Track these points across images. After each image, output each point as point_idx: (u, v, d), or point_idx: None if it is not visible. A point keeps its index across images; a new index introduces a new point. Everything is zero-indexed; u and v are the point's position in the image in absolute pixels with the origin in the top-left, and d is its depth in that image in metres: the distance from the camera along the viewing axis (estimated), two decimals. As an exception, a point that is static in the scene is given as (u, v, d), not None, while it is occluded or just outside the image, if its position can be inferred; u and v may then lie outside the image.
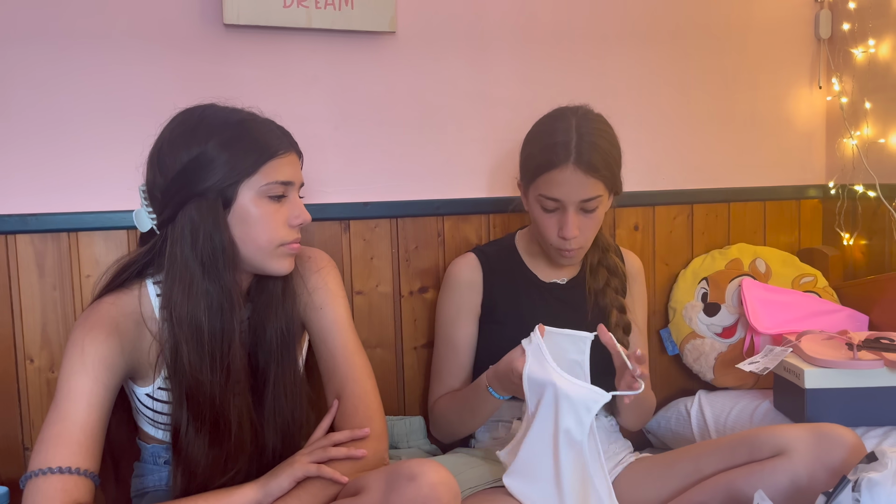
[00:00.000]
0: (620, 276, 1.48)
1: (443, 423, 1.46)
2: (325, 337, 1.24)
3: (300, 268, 1.24)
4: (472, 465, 1.40)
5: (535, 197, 1.35)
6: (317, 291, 1.25)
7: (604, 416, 1.51)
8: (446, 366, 1.48)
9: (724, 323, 1.73)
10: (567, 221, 1.31)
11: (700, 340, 1.73)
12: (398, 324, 1.65)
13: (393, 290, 1.64)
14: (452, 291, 1.47)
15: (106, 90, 1.44)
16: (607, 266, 1.47)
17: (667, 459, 1.38)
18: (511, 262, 1.49)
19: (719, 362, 1.71)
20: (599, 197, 1.32)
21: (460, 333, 1.46)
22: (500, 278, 1.46)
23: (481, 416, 1.36)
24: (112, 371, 1.07)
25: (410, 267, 1.65)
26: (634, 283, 1.53)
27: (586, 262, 1.48)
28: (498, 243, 1.54)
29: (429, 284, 1.66)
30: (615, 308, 1.44)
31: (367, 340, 1.63)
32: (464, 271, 1.47)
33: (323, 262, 1.28)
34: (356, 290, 1.62)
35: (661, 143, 1.83)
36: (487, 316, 1.46)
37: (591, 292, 1.46)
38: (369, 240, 1.62)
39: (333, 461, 1.11)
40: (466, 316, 1.46)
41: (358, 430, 1.16)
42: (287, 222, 1.13)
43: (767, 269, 1.78)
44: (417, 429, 1.62)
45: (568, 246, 1.34)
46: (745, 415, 1.56)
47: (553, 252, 1.39)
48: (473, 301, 1.46)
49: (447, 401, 1.45)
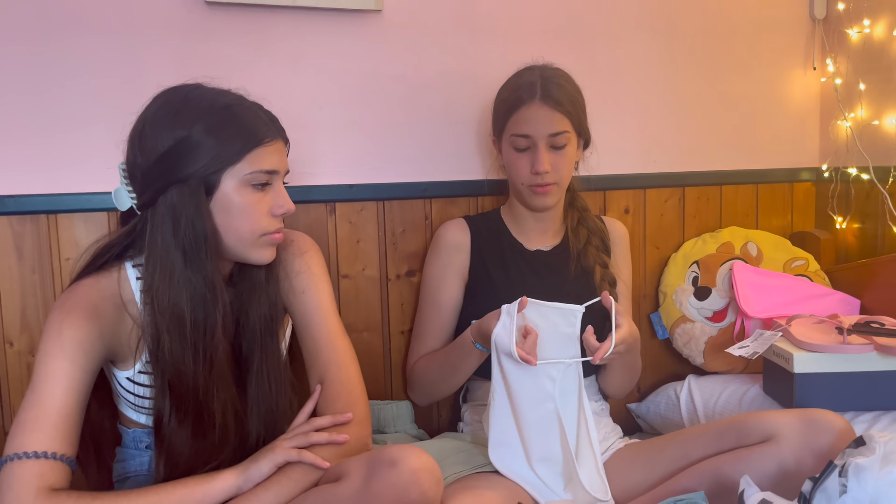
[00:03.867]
0: (600, 234, 1.51)
1: (422, 383, 1.48)
2: (307, 321, 1.22)
3: (283, 251, 1.22)
4: (459, 449, 1.39)
5: (508, 140, 1.42)
6: (299, 275, 1.23)
7: (594, 399, 1.50)
8: (429, 327, 1.50)
9: (714, 307, 1.71)
10: (538, 156, 1.38)
11: (690, 325, 1.71)
12: (385, 308, 1.63)
13: (380, 274, 1.62)
14: (440, 252, 1.50)
15: (86, 68, 1.41)
16: (587, 226, 1.51)
17: (655, 445, 1.37)
18: (497, 231, 1.52)
19: (709, 346, 1.70)
20: (566, 133, 1.39)
21: (445, 294, 1.48)
22: (487, 243, 1.50)
23: (463, 372, 1.38)
24: (90, 355, 1.05)
25: (397, 250, 1.63)
26: (618, 246, 1.55)
27: (567, 226, 1.52)
28: (484, 215, 1.57)
29: (416, 268, 1.64)
30: (598, 265, 1.47)
31: (353, 324, 1.61)
32: (452, 233, 1.50)
33: (306, 246, 1.26)
34: (342, 273, 1.60)
35: (653, 125, 1.81)
36: (474, 280, 1.49)
37: (573, 252, 1.49)
38: (355, 223, 1.60)
39: (315, 446, 1.10)
40: (452, 277, 1.48)
41: (340, 416, 1.14)
42: (270, 212, 1.11)
43: (759, 253, 1.77)
44: (404, 413, 1.61)
45: (541, 180, 1.39)
46: (735, 400, 1.55)
47: (528, 194, 1.43)
48: (460, 263, 1.49)
49: (428, 360, 1.47)
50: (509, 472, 1.27)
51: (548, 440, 1.26)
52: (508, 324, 1.19)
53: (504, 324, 1.19)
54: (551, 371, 1.22)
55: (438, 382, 1.43)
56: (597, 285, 1.45)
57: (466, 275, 1.50)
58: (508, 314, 1.20)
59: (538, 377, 1.22)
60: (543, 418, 1.24)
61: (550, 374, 1.22)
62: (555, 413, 1.23)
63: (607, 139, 1.71)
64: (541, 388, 1.23)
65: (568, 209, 1.52)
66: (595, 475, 1.27)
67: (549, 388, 1.22)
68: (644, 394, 1.80)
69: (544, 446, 1.26)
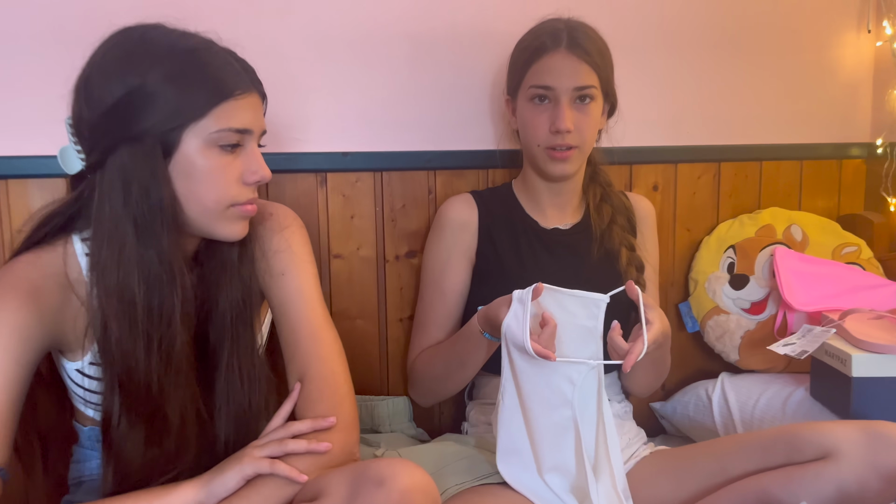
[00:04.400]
0: (626, 212, 1.35)
1: (426, 380, 1.30)
2: (286, 308, 1.05)
3: (259, 227, 1.06)
4: (462, 455, 1.22)
5: (525, 94, 1.25)
6: (278, 255, 1.05)
7: (616, 400, 1.32)
8: (432, 315, 1.32)
9: (752, 297, 1.52)
10: (560, 112, 1.21)
11: (724, 317, 1.53)
12: (382, 292, 1.45)
13: (376, 254, 1.44)
14: (444, 232, 1.32)
15: (36, 11, 1.22)
16: (611, 203, 1.34)
17: (686, 455, 1.20)
18: (509, 207, 1.35)
19: (746, 342, 1.51)
20: (592, 89, 1.23)
21: (450, 280, 1.31)
22: (497, 222, 1.32)
23: (471, 366, 1.20)
24: (28, 344, 0.89)
25: (396, 228, 1.45)
26: (644, 225, 1.38)
27: (588, 202, 1.35)
28: (493, 190, 1.39)
29: (417, 248, 1.46)
30: (624, 247, 1.30)
31: (345, 311, 1.44)
32: (457, 210, 1.33)
33: (287, 220, 1.08)
34: (334, 253, 1.42)
35: (686, 92, 1.61)
36: (482, 263, 1.31)
37: (596, 232, 1.32)
38: (349, 196, 1.42)
39: (291, 456, 0.94)
40: (458, 260, 1.31)
41: (322, 419, 0.98)
42: (241, 178, 0.94)
43: (804, 237, 1.57)
44: (402, 410, 1.44)
45: (561, 140, 1.22)
46: (776, 403, 1.37)
47: (544, 159, 1.25)
48: (467, 244, 1.31)
49: (431, 353, 1.29)
50: (519, 485, 1.09)
51: (561, 449, 1.08)
52: (521, 313, 1.01)
53: (515, 313, 1.02)
54: (570, 372, 1.04)
55: (443, 378, 1.25)
56: (622, 270, 1.28)
57: (473, 257, 1.31)
58: (521, 302, 1.02)
59: (554, 377, 1.04)
60: (558, 426, 1.06)
61: (569, 376, 1.04)
62: (572, 422, 1.05)
63: (635, 107, 1.51)
64: (557, 392, 1.05)
65: (589, 184, 1.35)
66: (613, 494, 1.08)
67: (566, 392, 1.04)
68: (669, 392, 1.62)
69: (557, 455, 1.08)
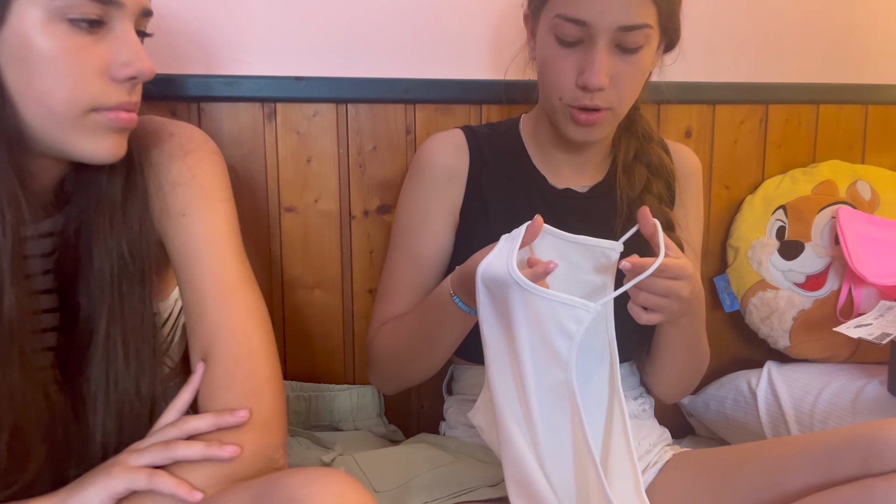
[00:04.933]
0: (666, 176, 1.02)
1: (385, 360, 0.99)
2: (188, 262, 0.77)
3: (155, 151, 0.79)
4: (437, 462, 0.94)
5: (550, 24, 0.89)
6: (178, 188, 0.78)
7: (631, 396, 1.03)
8: (401, 283, 1.01)
9: (808, 269, 1.23)
10: (594, 61, 0.86)
11: (773, 293, 1.23)
12: (346, 256, 1.17)
13: (339, 209, 1.16)
14: (422, 181, 1.01)
15: None
16: (648, 163, 1.01)
17: (726, 461, 0.92)
18: (512, 153, 1.03)
19: (800, 324, 1.22)
20: (647, 28, 0.87)
21: (426, 242, 1.00)
22: (493, 173, 1.01)
23: (440, 343, 0.91)
24: None
25: (365, 176, 1.16)
26: (688, 189, 1.05)
27: (617, 159, 1.02)
28: (494, 127, 1.07)
29: (391, 202, 1.17)
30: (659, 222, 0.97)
31: (300, 279, 1.16)
32: (443, 154, 1.01)
33: (193, 143, 0.81)
34: (286, 205, 1.14)
35: (729, 19, 1.30)
36: (468, 225, 1.01)
37: (622, 201, 0.99)
38: (305, 133, 1.13)
39: (183, 464, 0.69)
40: (439, 219, 1.01)
41: (229, 413, 0.72)
42: (106, 71, 0.66)
43: (874, 196, 1.27)
44: (369, 403, 1.16)
45: (589, 101, 0.89)
46: (844, 401, 1.08)
47: (564, 119, 0.93)
48: (451, 198, 1.01)
49: (394, 327, 0.98)
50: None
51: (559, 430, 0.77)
52: (506, 250, 0.75)
53: (500, 251, 0.76)
54: (564, 320, 0.73)
55: (407, 358, 0.96)
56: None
57: (458, 216, 1.02)
58: (509, 240, 0.77)
59: (544, 326, 0.73)
60: (551, 392, 0.76)
61: (563, 326, 0.73)
62: (565, 386, 0.75)
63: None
64: (548, 346, 0.74)
65: (622, 135, 1.03)
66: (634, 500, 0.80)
67: (560, 348, 0.73)
68: (700, 383, 1.32)
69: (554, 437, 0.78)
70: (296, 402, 1.12)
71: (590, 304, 0.71)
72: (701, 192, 1.09)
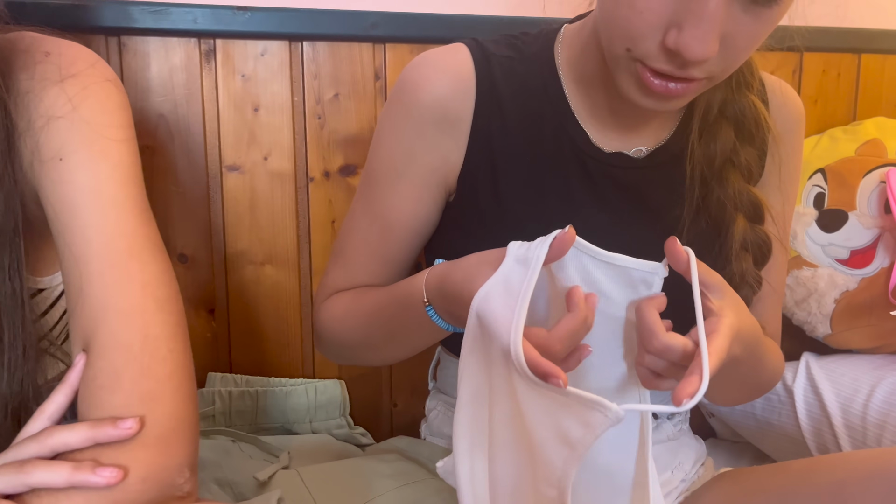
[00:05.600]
0: (760, 143, 0.73)
1: (335, 341, 0.77)
2: (66, 220, 0.58)
3: (23, 75, 0.60)
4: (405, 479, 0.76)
5: None
6: (54, 124, 0.59)
7: (667, 415, 0.82)
8: (362, 247, 0.76)
9: (853, 242, 1.04)
10: (703, 12, 0.54)
11: (810, 271, 1.04)
12: (304, 226, 0.98)
13: (294, 169, 0.96)
14: (404, 120, 0.72)
15: None
16: (736, 118, 0.71)
17: (771, 488, 0.73)
18: (540, 95, 0.72)
19: (843, 307, 1.03)
20: None
21: (400, 203, 0.73)
22: (511, 122, 0.71)
23: (403, 346, 0.72)
24: None
25: (326, 129, 0.97)
26: (787, 162, 0.76)
27: (693, 113, 0.72)
28: (517, 46, 0.73)
29: (358, 162, 0.98)
30: (741, 211, 0.71)
31: (247, 252, 0.96)
32: (436, 83, 0.70)
33: (76, 66, 0.61)
34: (227, 163, 0.95)
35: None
36: (467, 196, 0.73)
37: (694, 176, 0.71)
38: (251, 76, 0.94)
39: (45, 492, 0.51)
40: (421, 176, 0.72)
41: (110, 424, 0.54)
42: None
43: (929, 157, 1.08)
44: (329, 401, 0.97)
45: (678, 68, 0.58)
46: (905, 400, 0.89)
47: (632, 77, 0.61)
48: (443, 153, 0.71)
49: (349, 304, 0.74)
50: None
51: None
52: (517, 281, 0.52)
53: (507, 279, 0.53)
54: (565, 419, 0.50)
55: (361, 348, 0.75)
56: (731, 256, 0.71)
57: (452, 179, 0.73)
58: (521, 263, 0.53)
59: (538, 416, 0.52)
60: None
61: (563, 429, 0.50)
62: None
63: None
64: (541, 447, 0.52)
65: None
66: None
67: (553, 458, 0.51)
68: (721, 379, 1.14)
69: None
70: (240, 400, 0.93)
71: (611, 407, 0.47)
72: (801, 153, 0.80)
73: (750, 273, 0.72)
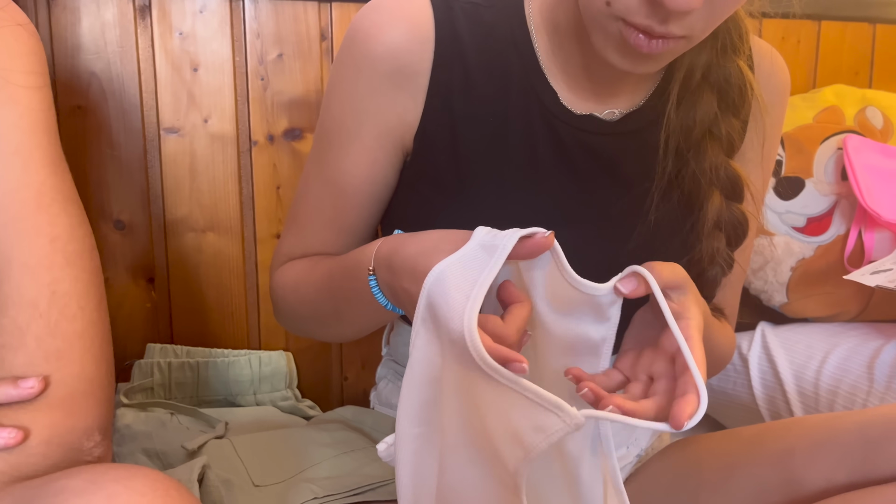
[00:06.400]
0: (743, 113, 0.68)
1: (289, 312, 0.73)
2: None
3: None
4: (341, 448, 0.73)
5: None
6: None
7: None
8: (314, 213, 0.71)
9: (810, 210, 1.03)
10: None
11: (767, 239, 1.03)
12: (247, 192, 0.94)
13: (237, 132, 0.93)
14: (355, 74, 0.65)
15: None
16: (720, 85, 0.66)
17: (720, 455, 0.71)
18: (507, 50, 0.66)
19: (800, 275, 1.02)
20: None
21: (352, 165, 0.68)
22: (474, 78, 0.65)
23: (350, 322, 0.66)
24: None
25: (270, 91, 0.93)
26: (770, 136, 0.72)
27: (673, 77, 0.66)
28: (481, 4, 0.67)
29: (304, 125, 0.94)
30: (717, 187, 0.66)
31: (187, 219, 0.93)
32: (390, 33, 0.63)
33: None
34: (165, 125, 0.91)
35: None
36: (425, 158, 0.67)
37: (668, 146, 0.66)
38: (189, 35, 0.90)
39: None
40: (375, 136, 0.66)
41: (10, 383, 0.51)
42: None
43: (886, 124, 1.08)
44: (275, 372, 0.94)
45: (659, 24, 0.54)
46: (857, 366, 0.88)
47: (606, 34, 0.57)
48: (398, 110, 0.65)
49: (301, 274, 0.70)
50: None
51: None
52: (477, 266, 0.48)
53: (464, 260, 0.49)
54: (520, 420, 0.46)
55: (312, 323, 0.71)
56: (702, 234, 0.67)
57: (408, 139, 0.67)
58: (486, 249, 0.49)
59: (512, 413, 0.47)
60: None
61: (517, 429, 0.47)
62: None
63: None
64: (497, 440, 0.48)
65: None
66: None
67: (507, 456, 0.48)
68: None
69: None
70: (180, 372, 0.90)
71: (570, 411, 0.44)
72: (782, 123, 0.75)
73: (721, 254, 0.68)
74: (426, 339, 0.50)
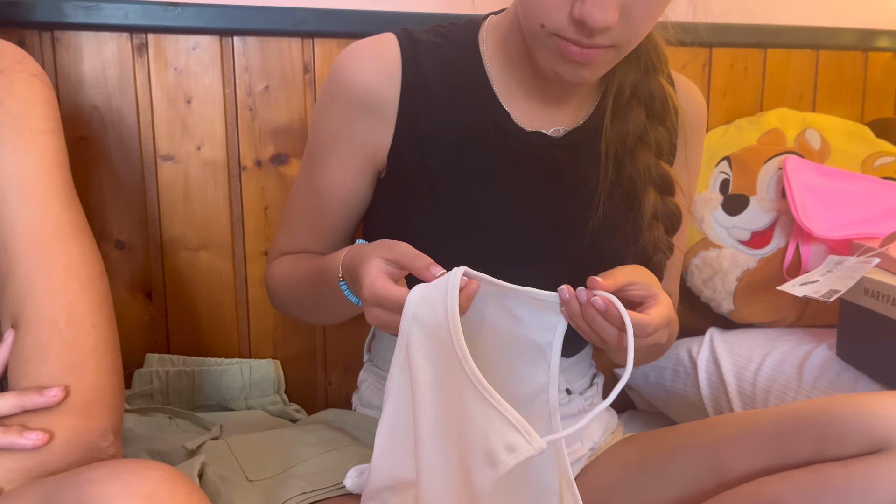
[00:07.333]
0: (670, 124, 0.79)
1: (279, 300, 0.88)
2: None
3: None
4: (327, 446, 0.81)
5: None
6: None
7: (579, 391, 0.88)
8: (300, 217, 0.85)
9: (754, 225, 1.12)
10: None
11: (716, 252, 1.12)
12: (237, 213, 1.03)
13: (227, 158, 1.01)
14: (333, 103, 0.78)
15: None
16: (649, 102, 0.78)
17: (662, 446, 0.80)
18: (464, 78, 0.77)
19: (744, 285, 1.11)
20: None
21: (330, 178, 0.80)
22: (436, 104, 0.76)
23: (329, 314, 0.81)
24: None
25: (257, 121, 1.01)
26: (692, 140, 0.84)
27: (607, 95, 0.78)
28: (446, 34, 0.80)
29: (288, 151, 1.03)
30: (651, 184, 0.78)
31: (181, 239, 1.01)
32: (362, 70, 0.76)
33: (3, 62, 0.65)
34: (161, 153, 0.99)
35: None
36: (398, 174, 0.78)
37: (608, 154, 0.78)
38: (184, 70, 0.98)
39: None
40: (350, 155, 0.79)
41: (36, 392, 0.58)
42: None
43: (824, 145, 1.17)
44: (264, 379, 1.03)
45: (586, 38, 0.64)
46: (789, 367, 0.97)
47: (549, 51, 0.68)
48: (369, 133, 0.77)
49: (290, 268, 0.83)
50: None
51: None
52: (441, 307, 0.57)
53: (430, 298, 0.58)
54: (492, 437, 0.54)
55: (299, 310, 0.86)
56: (643, 226, 0.79)
57: (382, 157, 0.78)
58: (448, 288, 0.57)
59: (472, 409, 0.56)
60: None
61: (490, 448, 0.55)
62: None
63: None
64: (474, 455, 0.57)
65: (619, 64, 0.75)
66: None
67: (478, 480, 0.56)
68: (639, 354, 1.21)
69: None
70: (177, 379, 0.98)
71: (535, 436, 0.52)
72: (702, 147, 0.89)
73: (662, 241, 0.79)
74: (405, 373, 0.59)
